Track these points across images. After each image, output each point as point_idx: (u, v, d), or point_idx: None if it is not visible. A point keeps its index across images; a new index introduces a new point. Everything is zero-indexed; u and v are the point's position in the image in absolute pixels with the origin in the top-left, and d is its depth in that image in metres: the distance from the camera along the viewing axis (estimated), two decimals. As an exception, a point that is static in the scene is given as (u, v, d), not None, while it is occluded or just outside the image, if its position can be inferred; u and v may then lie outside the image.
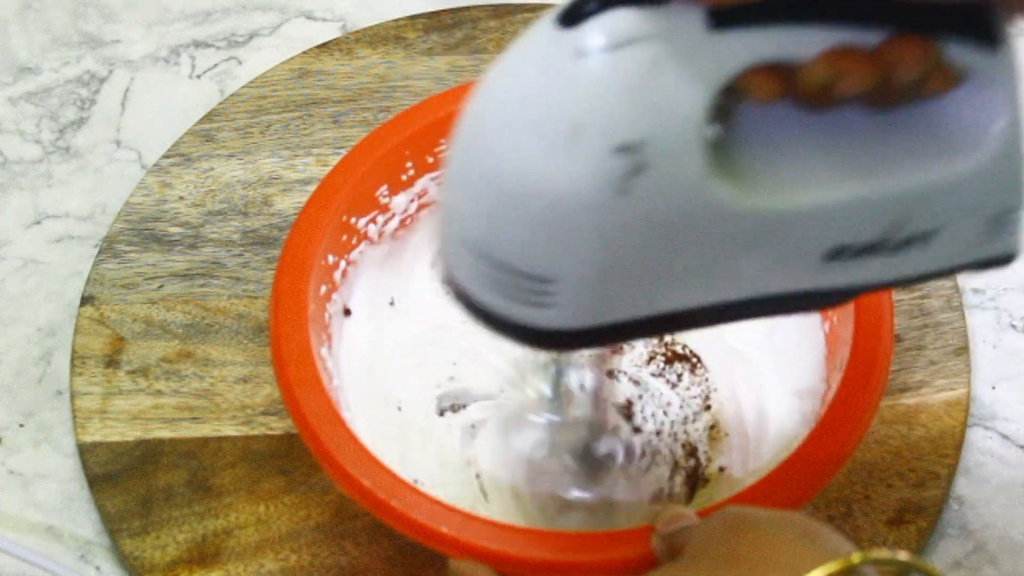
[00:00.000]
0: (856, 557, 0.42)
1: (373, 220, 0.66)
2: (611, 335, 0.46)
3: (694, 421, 0.63)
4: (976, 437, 0.64)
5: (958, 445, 0.63)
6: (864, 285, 0.47)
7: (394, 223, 0.67)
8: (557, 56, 0.40)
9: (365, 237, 0.66)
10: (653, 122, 0.40)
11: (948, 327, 0.67)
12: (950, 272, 0.48)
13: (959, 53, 0.42)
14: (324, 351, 0.61)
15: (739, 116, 0.44)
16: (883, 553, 0.42)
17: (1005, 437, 0.65)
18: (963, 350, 0.66)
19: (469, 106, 0.43)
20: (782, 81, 0.41)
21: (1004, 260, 0.48)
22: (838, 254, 0.45)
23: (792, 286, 0.46)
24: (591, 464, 0.61)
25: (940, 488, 0.62)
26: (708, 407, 0.63)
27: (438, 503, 0.54)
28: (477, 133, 0.43)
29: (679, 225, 0.43)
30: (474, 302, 0.46)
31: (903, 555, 0.43)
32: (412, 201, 0.67)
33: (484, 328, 0.46)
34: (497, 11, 0.80)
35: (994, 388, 0.66)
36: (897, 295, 0.68)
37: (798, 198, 0.44)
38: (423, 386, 0.64)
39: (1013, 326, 0.69)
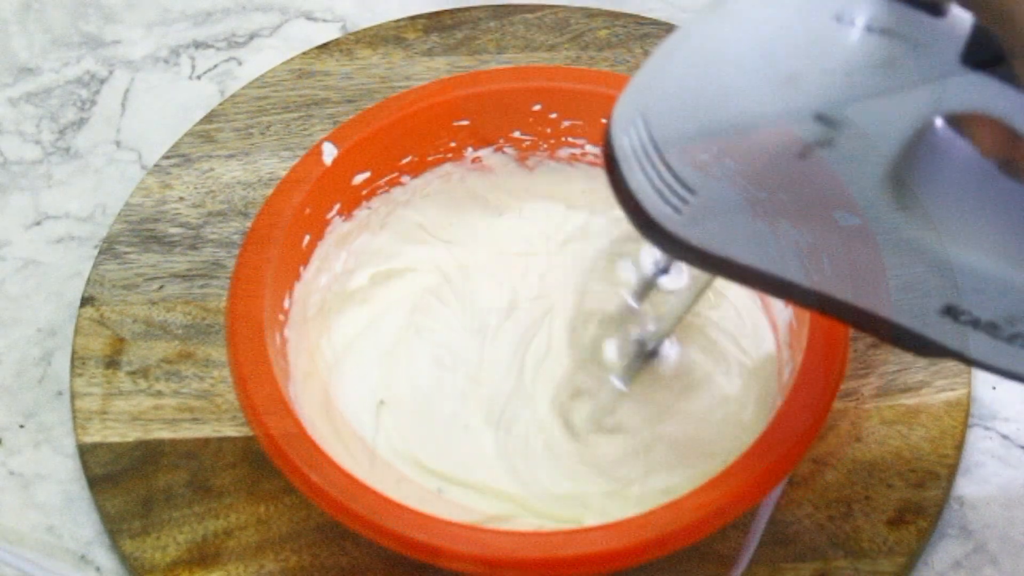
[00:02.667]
0: None
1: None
2: (718, 267, 0.47)
3: None
4: (976, 437, 0.64)
5: (958, 445, 0.63)
6: (966, 356, 0.48)
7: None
8: (815, 7, 0.41)
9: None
10: (864, 112, 0.41)
11: (948, 327, 0.67)
12: None
13: None
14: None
15: (932, 143, 0.45)
16: None
17: (1005, 437, 0.65)
18: (963, 350, 0.66)
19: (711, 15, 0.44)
20: (1005, 140, 0.42)
21: None
22: (954, 313, 0.46)
23: (902, 319, 0.47)
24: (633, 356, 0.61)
25: (940, 488, 0.62)
26: None
27: (416, 513, 0.54)
28: (710, 35, 0.44)
29: (830, 203, 0.44)
30: (622, 178, 0.47)
31: None
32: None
33: (619, 203, 0.48)
34: (497, 11, 0.80)
35: (994, 388, 0.66)
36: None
37: (944, 243, 0.45)
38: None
39: (1013, 326, 0.69)
